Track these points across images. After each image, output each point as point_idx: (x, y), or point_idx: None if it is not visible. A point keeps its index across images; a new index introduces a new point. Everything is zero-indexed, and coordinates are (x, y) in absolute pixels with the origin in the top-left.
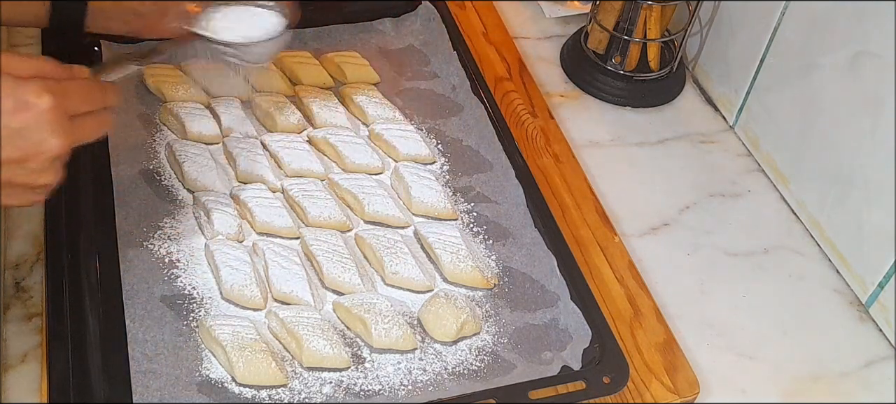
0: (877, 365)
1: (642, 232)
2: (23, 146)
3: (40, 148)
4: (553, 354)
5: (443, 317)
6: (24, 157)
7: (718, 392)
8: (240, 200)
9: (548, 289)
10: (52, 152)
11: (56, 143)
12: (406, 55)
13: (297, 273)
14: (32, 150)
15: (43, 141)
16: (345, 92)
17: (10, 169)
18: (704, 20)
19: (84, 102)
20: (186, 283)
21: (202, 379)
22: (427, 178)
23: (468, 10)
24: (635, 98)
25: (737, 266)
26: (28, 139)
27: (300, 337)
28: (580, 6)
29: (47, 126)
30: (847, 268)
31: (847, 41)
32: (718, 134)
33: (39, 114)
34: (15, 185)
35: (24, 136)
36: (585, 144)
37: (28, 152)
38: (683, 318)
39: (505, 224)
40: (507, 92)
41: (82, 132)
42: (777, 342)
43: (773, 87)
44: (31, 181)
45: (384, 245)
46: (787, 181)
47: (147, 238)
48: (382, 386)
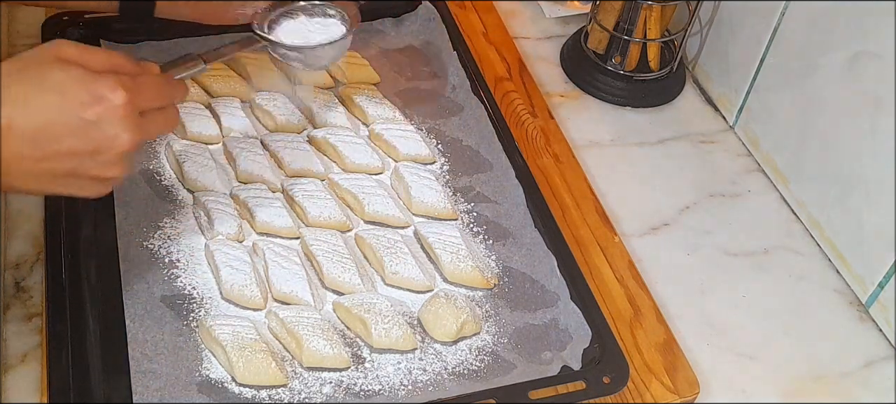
0: (877, 365)
1: (642, 232)
2: (96, 138)
3: (112, 142)
4: (553, 354)
5: (443, 317)
6: (95, 150)
7: (718, 392)
8: (240, 200)
9: (548, 289)
10: (122, 146)
11: (127, 138)
12: (406, 55)
13: (297, 273)
14: (104, 144)
15: (115, 135)
16: (345, 92)
17: (82, 160)
18: (704, 20)
19: (154, 98)
20: (186, 283)
21: (202, 379)
22: (427, 178)
23: (468, 10)
24: (635, 98)
25: (737, 266)
26: (101, 132)
27: (300, 337)
28: (580, 6)
29: (120, 121)
30: (847, 268)
31: (847, 41)
32: (718, 134)
33: (113, 109)
34: (84, 177)
35: (98, 129)
36: (585, 144)
37: (100, 145)
38: (683, 318)
39: (505, 224)
40: (507, 92)
41: (152, 128)
42: (777, 342)
43: (773, 87)
44: (99, 173)
45: (384, 245)
46: (787, 181)
47: (147, 238)
48: (382, 386)
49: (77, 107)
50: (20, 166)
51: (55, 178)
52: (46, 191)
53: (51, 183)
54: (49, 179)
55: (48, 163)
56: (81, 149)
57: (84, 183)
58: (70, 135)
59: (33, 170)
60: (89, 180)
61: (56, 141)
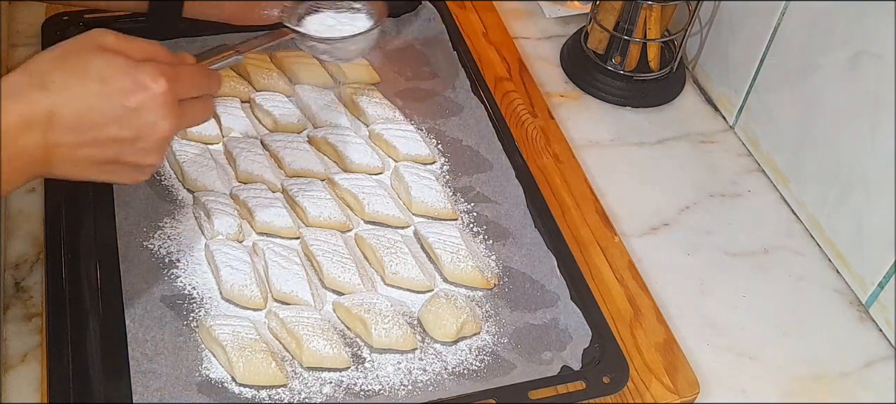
0: (877, 365)
1: (642, 232)
2: (136, 125)
3: (152, 129)
4: (553, 354)
5: (443, 317)
6: (135, 137)
7: (718, 392)
8: (240, 200)
9: (548, 289)
10: (161, 134)
11: (166, 126)
12: (406, 55)
13: (297, 273)
14: (144, 131)
15: (155, 123)
16: (345, 92)
17: (122, 147)
18: (704, 20)
19: (192, 88)
20: (186, 283)
21: (202, 379)
22: (427, 178)
23: (468, 10)
24: (635, 98)
25: (737, 266)
26: (141, 119)
27: (300, 337)
28: (580, 6)
29: (160, 108)
30: (847, 268)
31: (847, 41)
32: (718, 134)
33: (154, 97)
34: (123, 163)
35: (138, 117)
36: (585, 144)
37: (140, 132)
38: (683, 318)
39: (505, 224)
40: (507, 92)
41: (189, 116)
42: (777, 342)
43: (773, 87)
44: (138, 160)
45: (384, 245)
46: (787, 181)
47: (147, 238)
48: (382, 386)
49: (118, 94)
50: (62, 153)
51: (95, 165)
52: (86, 177)
53: (91, 169)
54: (89, 166)
55: (89, 150)
56: (122, 136)
57: (123, 169)
58: (111, 122)
59: (74, 156)
60: (128, 167)
61: (97, 128)
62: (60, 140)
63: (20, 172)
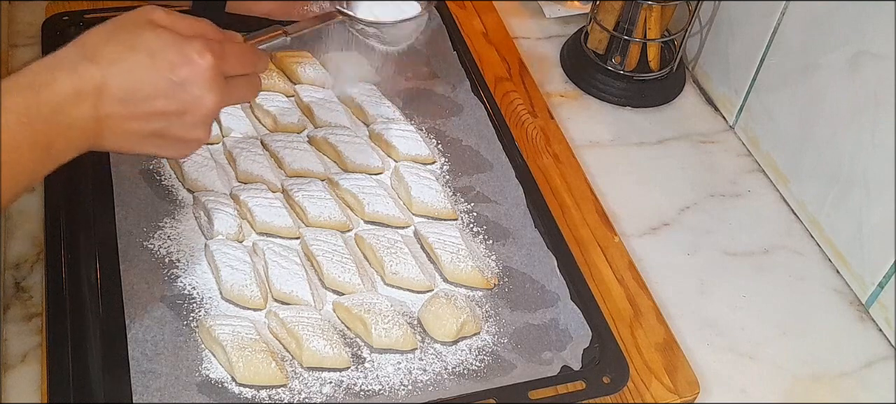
0: (877, 365)
1: (642, 232)
2: (183, 99)
3: (198, 103)
4: (553, 354)
5: (443, 317)
6: (182, 110)
7: (718, 392)
8: (240, 200)
9: (548, 289)
10: (207, 108)
11: (212, 100)
12: (406, 55)
13: (297, 273)
14: (191, 105)
15: (202, 96)
16: (345, 92)
17: (170, 120)
18: (704, 20)
19: (239, 65)
20: (186, 283)
21: (202, 379)
22: (427, 178)
23: (468, 10)
24: (635, 98)
25: (737, 266)
26: (188, 93)
27: (300, 337)
28: (580, 6)
29: (207, 83)
30: (847, 268)
31: (847, 41)
32: (718, 134)
33: (201, 71)
34: (170, 137)
35: (185, 90)
36: (585, 144)
37: (187, 106)
38: (683, 318)
39: (505, 224)
40: (507, 92)
41: (236, 93)
42: (777, 342)
43: (773, 86)
44: (184, 134)
45: (384, 245)
46: (787, 181)
47: (147, 238)
48: (382, 386)
49: (167, 68)
50: (111, 124)
51: (143, 138)
52: (134, 150)
53: (138, 142)
54: (137, 138)
55: (138, 123)
56: (169, 109)
57: (170, 143)
58: (159, 95)
59: (123, 128)
60: (175, 141)
61: (146, 101)
62: (110, 111)
63: (72, 143)
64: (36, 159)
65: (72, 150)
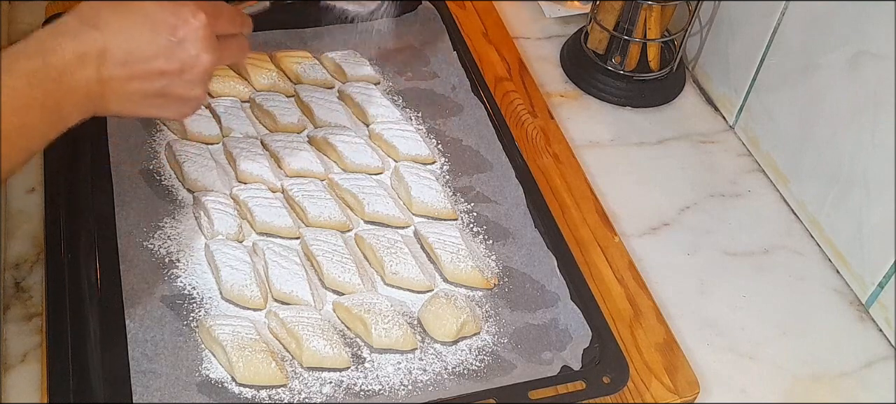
0: (877, 365)
1: (642, 232)
2: (181, 58)
3: (195, 61)
4: (553, 354)
5: (443, 317)
6: (181, 69)
7: (718, 392)
8: (240, 200)
9: (548, 289)
10: (204, 65)
11: (208, 58)
12: (406, 55)
13: (297, 273)
14: (189, 63)
15: (198, 55)
16: (345, 91)
17: (170, 80)
18: (704, 20)
19: (229, 24)
20: (186, 283)
21: (202, 379)
22: (427, 178)
23: (468, 10)
24: (635, 98)
25: (737, 266)
26: (186, 52)
27: (300, 337)
28: (580, 6)
29: (202, 41)
30: (847, 268)
31: (847, 41)
32: (718, 134)
33: (196, 30)
34: (171, 96)
35: (183, 49)
36: (585, 144)
37: (185, 64)
38: (683, 318)
39: (505, 224)
40: (507, 92)
41: (227, 52)
42: (777, 342)
43: (773, 86)
44: (184, 92)
45: (384, 245)
46: (787, 181)
47: (147, 238)
48: (382, 386)
49: (164, 29)
50: (114, 87)
51: (146, 98)
52: (137, 113)
53: (141, 103)
54: (140, 99)
55: (139, 84)
56: (169, 68)
57: (171, 102)
58: (158, 55)
59: (126, 90)
60: (175, 100)
61: (146, 61)
62: (113, 74)
63: (78, 105)
64: (45, 121)
65: (78, 113)
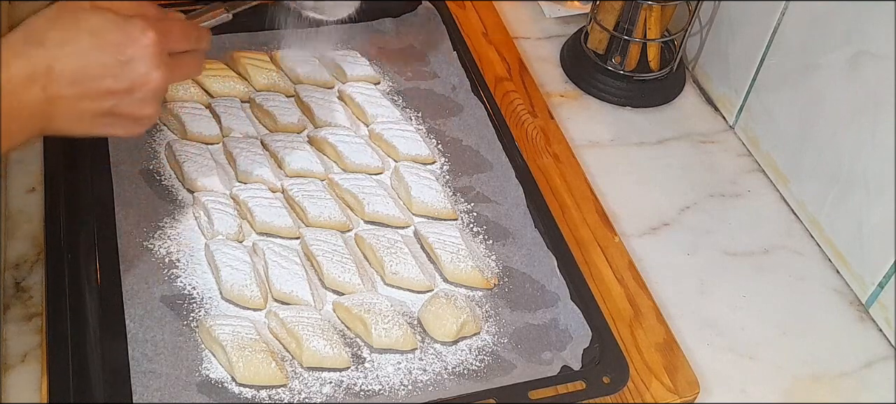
0: (877, 365)
1: (642, 232)
2: (130, 77)
3: (145, 79)
4: (553, 354)
5: (443, 317)
6: (130, 88)
7: (718, 392)
8: (240, 200)
9: (548, 289)
10: (154, 84)
11: (158, 76)
12: (406, 55)
13: (297, 273)
14: (138, 81)
15: (147, 73)
16: (345, 91)
17: (120, 99)
18: (704, 20)
19: (181, 41)
20: (186, 283)
21: (202, 379)
22: (427, 178)
23: (468, 10)
24: (635, 98)
25: (737, 266)
26: (134, 70)
27: (300, 337)
28: (580, 6)
29: (151, 59)
30: (847, 268)
31: (847, 41)
32: (718, 134)
33: (145, 48)
34: (121, 115)
35: (132, 68)
36: (585, 144)
37: (134, 83)
38: (683, 318)
39: (505, 224)
40: (507, 92)
41: (180, 69)
42: (777, 342)
43: (773, 86)
44: (135, 111)
45: (384, 245)
46: (787, 181)
47: (147, 238)
48: (382, 386)
49: (112, 47)
50: (62, 106)
51: (95, 117)
52: (87, 132)
53: (91, 123)
54: (90, 119)
55: (88, 103)
56: (118, 87)
57: (122, 121)
58: (106, 74)
59: (74, 109)
60: (126, 119)
61: (94, 80)
62: (60, 93)
63: (23, 126)
64: None
65: (24, 133)
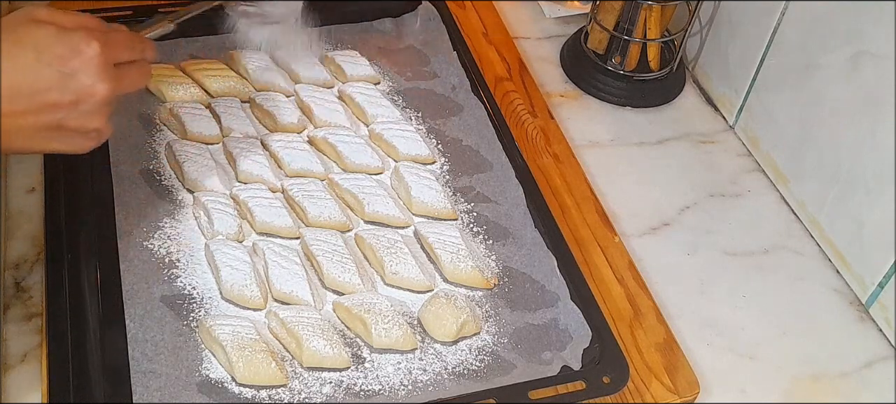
0: (877, 365)
1: (642, 232)
2: (75, 89)
3: (90, 91)
4: (553, 354)
5: (443, 317)
6: (76, 101)
7: (718, 392)
8: (240, 200)
9: (548, 289)
10: (100, 96)
11: (104, 88)
12: (406, 55)
13: (297, 273)
14: (83, 94)
15: (92, 85)
16: (345, 91)
17: (66, 112)
18: (704, 20)
19: (126, 52)
20: (186, 283)
21: (202, 379)
22: (427, 178)
23: (468, 10)
24: (635, 98)
25: (737, 266)
26: (79, 83)
27: (300, 337)
28: (580, 6)
29: (96, 71)
30: (847, 268)
31: (847, 41)
32: (718, 134)
33: (89, 60)
34: (68, 130)
35: (76, 80)
36: (585, 144)
37: (79, 96)
38: (683, 318)
39: (505, 224)
40: (507, 92)
41: (126, 80)
42: (777, 342)
43: (773, 87)
44: (82, 124)
45: (384, 245)
46: (787, 181)
47: (147, 238)
48: (382, 386)
49: (55, 61)
50: (8, 123)
51: (40, 133)
52: (33, 148)
53: (36, 138)
54: (34, 134)
55: (33, 118)
56: (63, 101)
57: (69, 136)
58: (51, 88)
59: (19, 125)
60: (73, 133)
61: (39, 94)
62: (5, 110)
63: None
64: None
65: None
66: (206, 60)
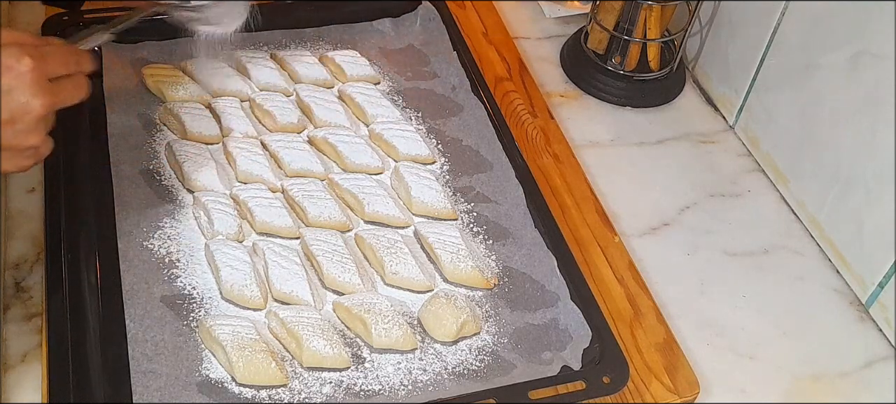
0: (877, 365)
1: (642, 232)
2: (9, 107)
3: (25, 108)
4: (553, 354)
5: (443, 317)
6: (10, 119)
7: (718, 392)
8: (240, 200)
9: (548, 289)
10: (36, 112)
11: (39, 104)
12: (406, 55)
13: (297, 273)
14: (18, 111)
15: (27, 101)
16: (345, 91)
17: (1, 131)
18: (704, 20)
19: (61, 65)
20: (186, 283)
21: (202, 379)
22: (427, 178)
23: (468, 10)
24: (635, 98)
25: (737, 266)
26: (13, 100)
27: (300, 337)
28: (580, 6)
29: (29, 87)
30: (847, 268)
31: (847, 41)
32: (718, 134)
33: (21, 76)
34: (6, 148)
35: (10, 98)
36: (585, 144)
37: (14, 113)
38: (683, 318)
39: (505, 224)
40: (507, 92)
41: (62, 94)
42: (777, 342)
43: (773, 87)
44: (19, 142)
45: (384, 245)
46: (787, 181)
47: (147, 238)
48: (382, 386)
49: None
50: None
51: None
52: None
53: None
54: None
55: None
56: None
57: (6, 154)
58: None
59: None
60: (11, 151)
61: None
62: None
63: None
64: None
65: None
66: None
